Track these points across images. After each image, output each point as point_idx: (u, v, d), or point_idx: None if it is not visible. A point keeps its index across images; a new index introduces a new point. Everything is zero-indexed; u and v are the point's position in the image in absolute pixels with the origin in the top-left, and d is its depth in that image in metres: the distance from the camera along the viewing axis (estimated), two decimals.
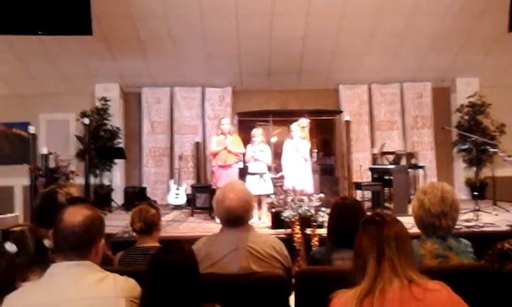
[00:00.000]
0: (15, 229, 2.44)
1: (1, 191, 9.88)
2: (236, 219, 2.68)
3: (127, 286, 1.92)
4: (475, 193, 7.71)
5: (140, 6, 8.47)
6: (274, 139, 9.48)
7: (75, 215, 1.93)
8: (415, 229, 2.80)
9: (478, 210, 7.02)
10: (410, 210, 2.84)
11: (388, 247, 1.76)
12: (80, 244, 1.90)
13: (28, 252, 2.16)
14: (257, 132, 7.33)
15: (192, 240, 2.89)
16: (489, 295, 2.38)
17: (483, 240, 3.28)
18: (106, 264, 2.16)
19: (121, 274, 1.99)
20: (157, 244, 3.14)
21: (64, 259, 1.89)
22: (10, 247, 2.17)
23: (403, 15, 8.83)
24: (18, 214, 7.71)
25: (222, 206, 2.70)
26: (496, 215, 7.14)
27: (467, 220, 6.58)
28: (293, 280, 2.57)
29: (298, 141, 7.29)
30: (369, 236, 1.82)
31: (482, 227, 6.19)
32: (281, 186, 7.16)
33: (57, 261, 1.92)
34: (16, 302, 1.82)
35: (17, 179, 9.59)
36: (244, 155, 7.58)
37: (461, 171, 10.48)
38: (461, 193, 10.28)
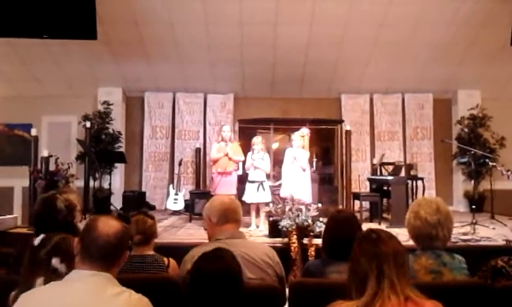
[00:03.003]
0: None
1: (1, 192, 9.92)
2: (231, 212, 2.83)
3: (140, 304, 1.93)
4: (473, 206, 7.70)
5: (145, 11, 8.52)
6: (276, 145, 9.50)
7: (109, 227, 1.97)
8: (411, 242, 2.83)
9: (475, 223, 7.00)
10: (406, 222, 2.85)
11: (387, 265, 1.77)
12: (111, 255, 1.95)
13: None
14: (257, 140, 7.36)
15: (189, 246, 2.91)
16: None
17: (479, 254, 3.30)
18: None
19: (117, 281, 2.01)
20: (153, 252, 3.15)
21: (88, 267, 1.92)
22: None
23: (406, 26, 8.85)
24: (17, 216, 7.72)
25: (217, 203, 2.88)
26: (493, 228, 7.13)
27: (464, 234, 6.58)
28: (287, 289, 2.60)
29: (296, 151, 7.31)
30: (367, 254, 1.83)
31: (478, 241, 6.19)
32: (278, 194, 7.19)
33: (78, 267, 1.95)
34: (32, 299, 1.86)
35: (18, 180, 9.62)
36: (243, 163, 7.61)
37: (460, 184, 10.50)
38: (460, 206, 10.32)
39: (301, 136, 7.41)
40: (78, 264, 1.96)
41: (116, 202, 9.55)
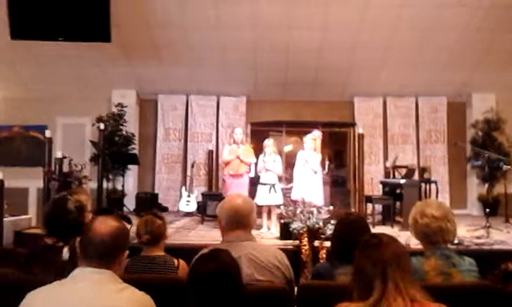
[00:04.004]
0: None
1: (17, 192, 9.98)
2: (240, 219, 2.76)
3: (143, 300, 1.96)
4: (487, 210, 7.63)
5: (158, 14, 8.58)
6: (289, 147, 9.49)
7: (105, 225, 2.01)
8: (420, 245, 2.83)
9: (489, 227, 6.95)
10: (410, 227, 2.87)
11: (391, 268, 1.78)
12: (107, 253, 1.97)
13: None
14: (269, 143, 7.39)
15: (200, 248, 2.92)
16: None
17: (493, 258, 3.28)
18: None
19: (126, 282, 2.03)
20: (163, 253, 3.17)
21: (88, 266, 1.95)
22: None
23: (420, 29, 8.80)
24: (31, 216, 7.81)
25: (227, 206, 2.81)
26: (507, 232, 7.07)
27: (478, 237, 6.53)
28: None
29: (308, 153, 7.31)
30: (370, 260, 1.84)
31: (492, 244, 6.14)
32: (290, 197, 7.19)
33: (80, 266, 1.98)
34: (38, 298, 1.89)
35: (32, 181, 9.71)
36: (256, 164, 7.62)
37: (474, 187, 10.40)
38: (473, 209, 10.25)
39: (313, 139, 7.41)
40: (80, 263, 2.00)
41: (129, 203, 9.61)
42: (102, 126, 9.05)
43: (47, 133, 8.26)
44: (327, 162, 8.98)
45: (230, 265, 2.12)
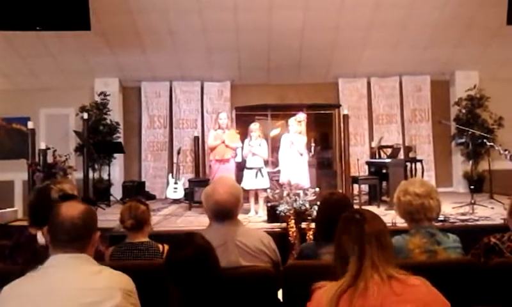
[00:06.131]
0: None
1: (2, 185, 9.95)
2: (225, 213, 2.71)
3: (123, 279, 1.96)
4: (472, 186, 7.70)
5: (138, 0, 8.48)
6: (277, 131, 9.48)
7: (73, 209, 1.99)
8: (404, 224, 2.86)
9: (474, 204, 7.04)
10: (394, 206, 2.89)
11: (369, 245, 1.78)
12: (80, 236, 1.96)
13: None
14: (255, 127, 7.39)
15: None
16: (475, 289, 2.41)
17: (477, 234, 3.32)
18: (98, 259, 2.20)
19: (111, 268, 2.03)
20: (147, 239, 3.16)
21: (62, 252, 1.93)
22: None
23: (402, 7, 8.79)
24: (17, 209, 7.77)
25: (211, 200, 2.73)
26: (492, 208, 7.13)
27: (463, 214, 6.63)
28: None
29: (293, 136, 7.33)
30: (350, 234, 1.84)
31: (477, 220, 6.23)
32: (277, 180, 7.21)
33: (53, 254, 1.96)
34: (14, 291, 1.86)
35: (17, 174, 9.65)
36: (242, 149, 7.62)
37: (459, 165, 10.50)
38: (459, 186, 10.36)
39: (298, 121, 7.43)
40: (53, 251, 1.97)
41: (116, 192, 9.57)
42: (85, 115, 9.00)
43: (30, 124, 8.19)
44: (313, 144, 9.00)
45: (204, 247, 2.13)
